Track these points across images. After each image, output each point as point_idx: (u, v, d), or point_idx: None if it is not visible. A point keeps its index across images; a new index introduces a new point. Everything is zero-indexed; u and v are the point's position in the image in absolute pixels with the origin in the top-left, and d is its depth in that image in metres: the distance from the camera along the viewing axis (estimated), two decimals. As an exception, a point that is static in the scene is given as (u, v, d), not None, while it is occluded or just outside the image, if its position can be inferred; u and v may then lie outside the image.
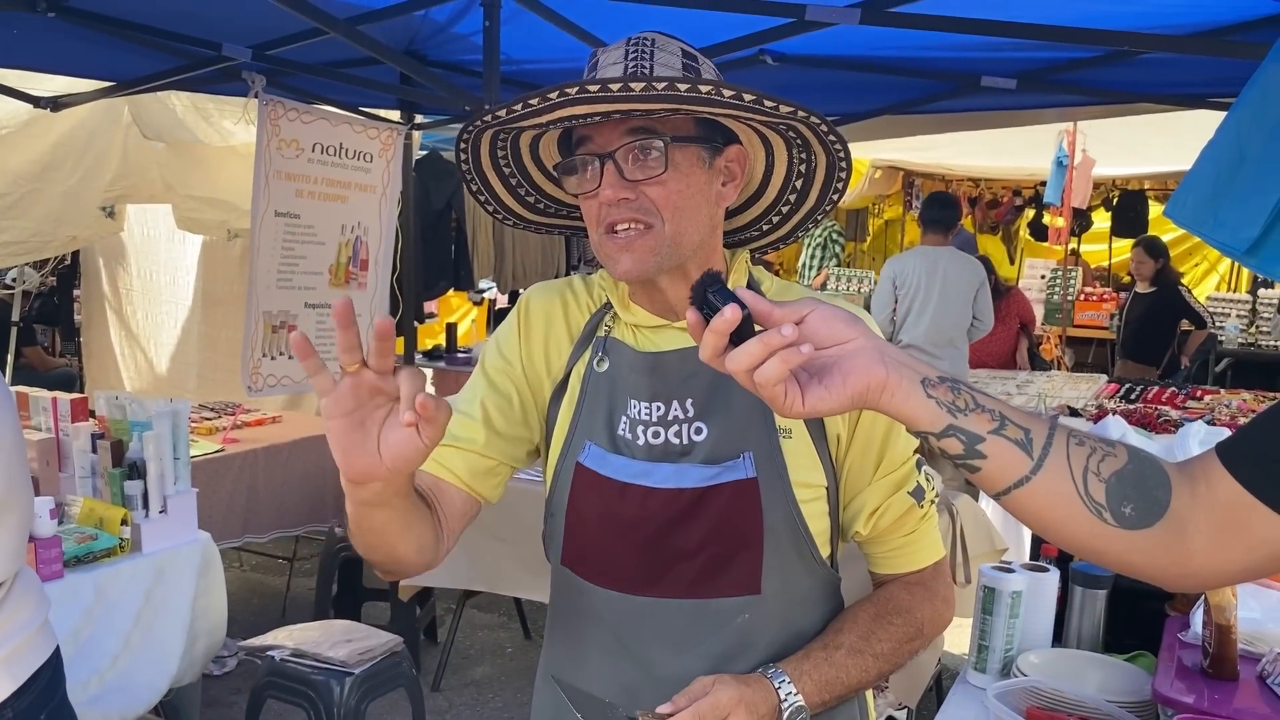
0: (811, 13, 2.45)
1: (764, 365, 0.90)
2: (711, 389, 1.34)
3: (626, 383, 1.38)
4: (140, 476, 2.89)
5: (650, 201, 1.25)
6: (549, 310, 1.46)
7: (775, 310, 0.93)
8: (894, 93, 4.00)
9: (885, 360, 0.94)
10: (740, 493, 1.32)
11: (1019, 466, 0.95)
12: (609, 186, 1.24)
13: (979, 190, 12.45)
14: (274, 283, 4.19)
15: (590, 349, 1.42)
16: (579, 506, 1.40)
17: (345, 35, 2.45)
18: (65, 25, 3.18)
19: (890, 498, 1.37)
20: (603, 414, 1.40)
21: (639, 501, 1.34)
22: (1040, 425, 0.96)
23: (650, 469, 1.35)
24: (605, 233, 1.28)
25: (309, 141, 4.21)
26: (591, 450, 1.39)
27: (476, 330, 10.57)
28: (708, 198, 1.30)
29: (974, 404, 0.95)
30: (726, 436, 1.33)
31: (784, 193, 1.41)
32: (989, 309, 5.66)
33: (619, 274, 1.29)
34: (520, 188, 1.44)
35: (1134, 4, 3.02)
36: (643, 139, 1.23)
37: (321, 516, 4.67)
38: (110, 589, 2.76)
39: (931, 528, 1.44)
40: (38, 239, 5.54)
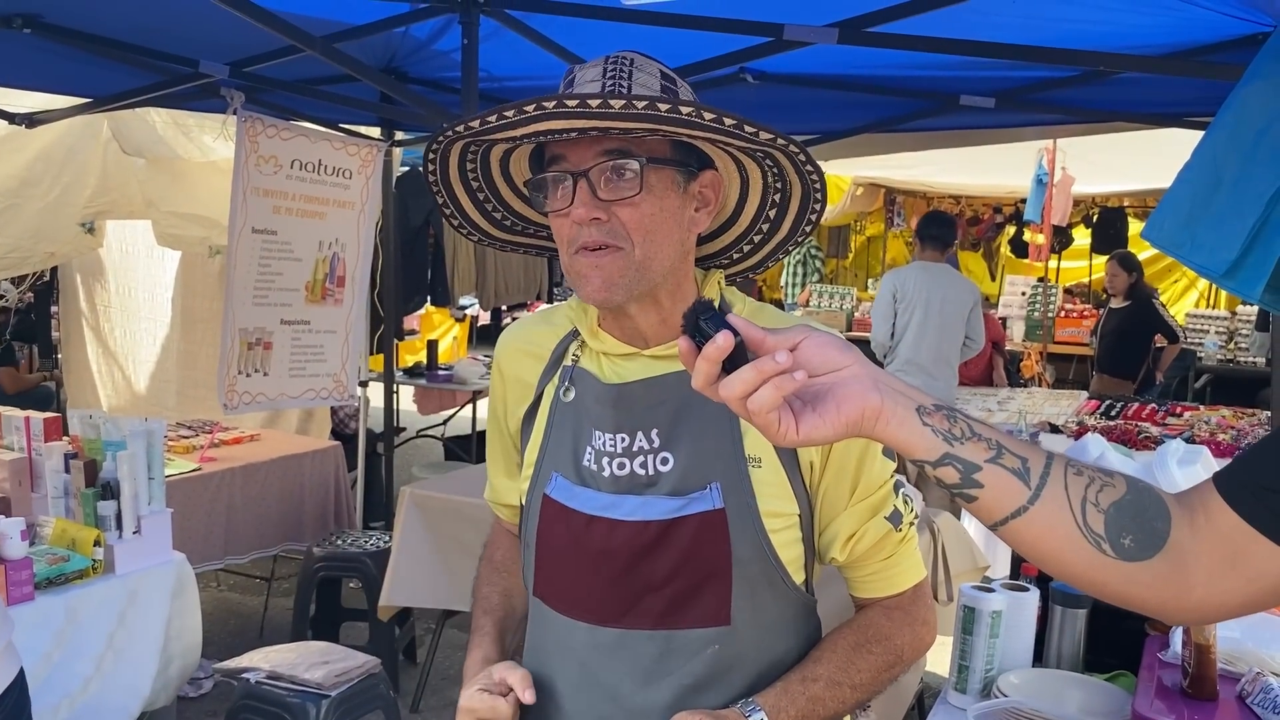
0: (789, 32, 2.45)
1: (757, 392, 0.89)
2: (677, 418, 1.32)
3: (591, 414, 1.37)
4: (114, 497, 2.85)
5: (621, 224, 1.23)
6: (517, 347, 1.49)
7: (768, 338, 0.92)
8: (874, 111, 4.02)
9: (880, 387, 0.93)
10: (707, 524, 1.30)
11: (1016, 496, 0.93)
12: (581, 205, 1.22)
13: (960, 207, 12.49)
14: (250, 299, 4.16)
15: (558, 376, 1.42)
16: (548, 538, 1.39)
17: (322, 53, 2.44)
18: (42, 42, 3.15)
19: (866, 523, 1.35)
20: (569, 445, 1.39)
21: (606, 534, 1.33)
22: (1038, 455, 0.95)
23: (616, 501, 1.34)
24: (575, 253, 1.26)
25: (287, 158, 4.19)
26: (558, 482, 1.38)
27: (458, 347, 10.54)
28: (680, 222, 1.28)
29: (970, 432, 0.94)
30: (693, 467, 1.31)
31: (757, 221, 1.39)
32: (981, 329, 5.68)
33: (587, 296, 1.27)
34: (488, 203, 1.42)
35: (1108, 25, 3.04)
36: (617, 159, 1.21)
37: (299, 535, 4.63)
38: (82, 611, 2.72)
39: (910, 550, 1.42)
40: (15, 255, 5.51)
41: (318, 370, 4.49)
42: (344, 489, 4.92)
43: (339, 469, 4.90)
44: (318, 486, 4.75)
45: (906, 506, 1.40)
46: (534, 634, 1.46)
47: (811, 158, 1.25)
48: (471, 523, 3.65)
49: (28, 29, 3.07)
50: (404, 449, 7.64)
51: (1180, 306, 12.63)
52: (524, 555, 1.45)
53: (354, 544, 4.18)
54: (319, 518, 4.75)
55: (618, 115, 1.13)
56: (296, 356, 4.38)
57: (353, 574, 4.11)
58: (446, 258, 6.88)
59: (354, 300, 4.58)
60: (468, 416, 7.41)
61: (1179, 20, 3.02)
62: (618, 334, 1.36)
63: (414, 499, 3.79)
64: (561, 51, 3.06)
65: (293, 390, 4.38)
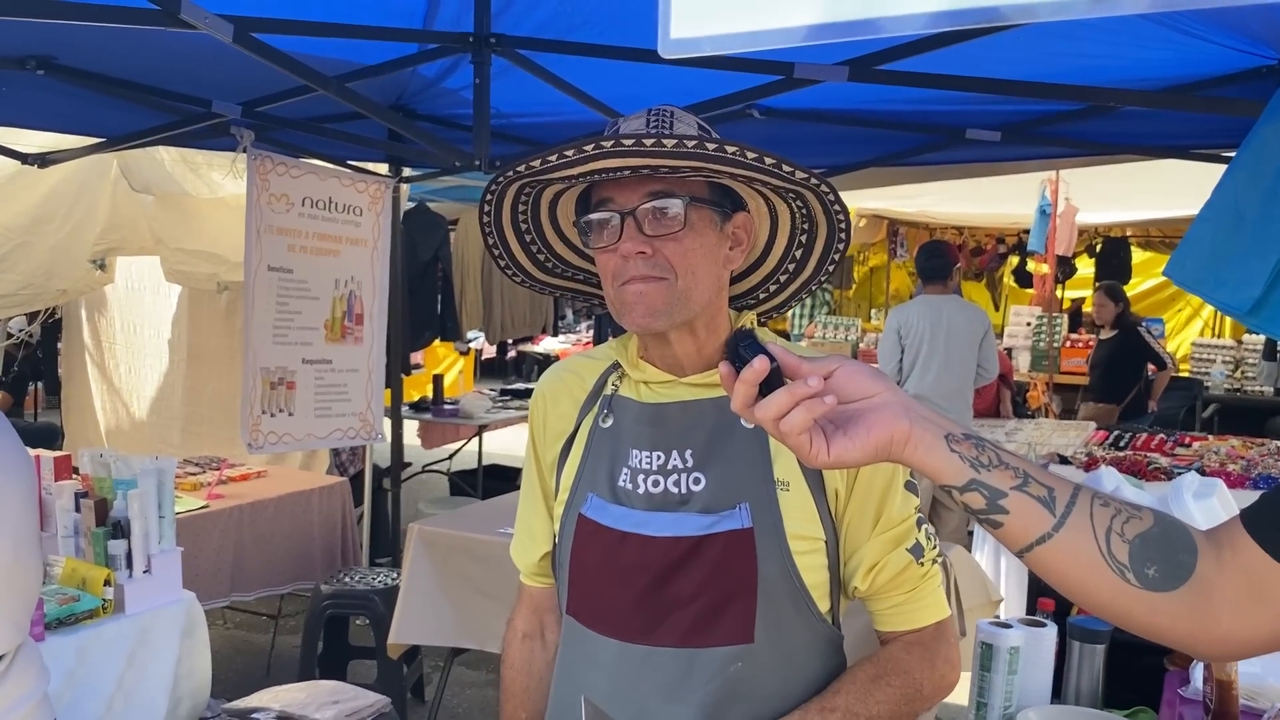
0: (800, 70, 2.47)
1: (790, 414, 0.95)
2: (711, 441, 1.39)
3: (629, 434, 1.44)
4: (124, 535, 2.84)
5: (665, 259, 1.32)
6: (555, 391, 1.56)
7: (803, 364, 0.98)
8: (880, 145, 4.04)
9: (909, 414, 0.98)
10: (735, 542, 1.35)
11: (1041, 523, 0.96)
12: (629, 240, 1.31)
13: (963, 238, 12.53)
14: (270, 338, 4.17)
15: (597, 407, 1.49)
16: (581, 556, 1.45)
17: (337, 94, 2.46)
18: (54, 83, 3.18)
19: (888, 554, 1.39)
20: (605, 467, 1.45)
21: (638, 550, 1.38)
22: (1064, 485, 0.98)
23: (649, 518, 1.39)
24: (621, 285, 1.34)
25: (298, 196, 4.22)
26: (593, 501, 1.44)
27: (463, 381, 10.55)
28: (717, 259, 1.37)
29: (997, 460, 0.97)
30: (724, 487, 1.37)
31: (784, 261, 1.48)
32: (994, 357, 5.67)
33: (633, 323, 1.35)
34: (533, 245, 1.51)
35: (1112, 59, 3.06)
36: (662, 199, 1.31)
37: (309, 573, 4.61)
38: (92, 651, 2.70)
39: (933, 587, 1.45)
40: (28, 292, 5.54)
41: (344, 410, 4.49)
42: (351, 525, 4.91)
43: (346, 505, 4.88)
44: (325, 523, 4.73)
45: (929, 542, 1.43)
46: (566, 653, 1.51)
47: (840, 198, 1.34)
48: (480, 560, 3.63)
49: (41, 70, 3.10)
50: (409, 485, 7.62)
51: (1184, 336, 12.63)
52: (557, 576, 1.52)
53: (361, 581, 4.16)
54: (327, 554, 4.73)
55: (669, 153, 1.23)
56: (321, 396, 4.39)
57: (360, 612, 4.09)
58: (455, 292, 6.90)
59: (374, 338, 4.59)
60: (473, 451, 7.40)
61: (1182, 54, 3.04)
62: (658, 363, 1.44)
63: (421, 536, 3.78)
64: (572, 90, 3.09)
65: (319, 431, 4.38)
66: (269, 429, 4.10)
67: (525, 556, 1.63)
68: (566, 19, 2.95)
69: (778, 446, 1.38)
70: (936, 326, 5.50)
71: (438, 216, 6.94)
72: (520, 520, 1.64)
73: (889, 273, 12.62)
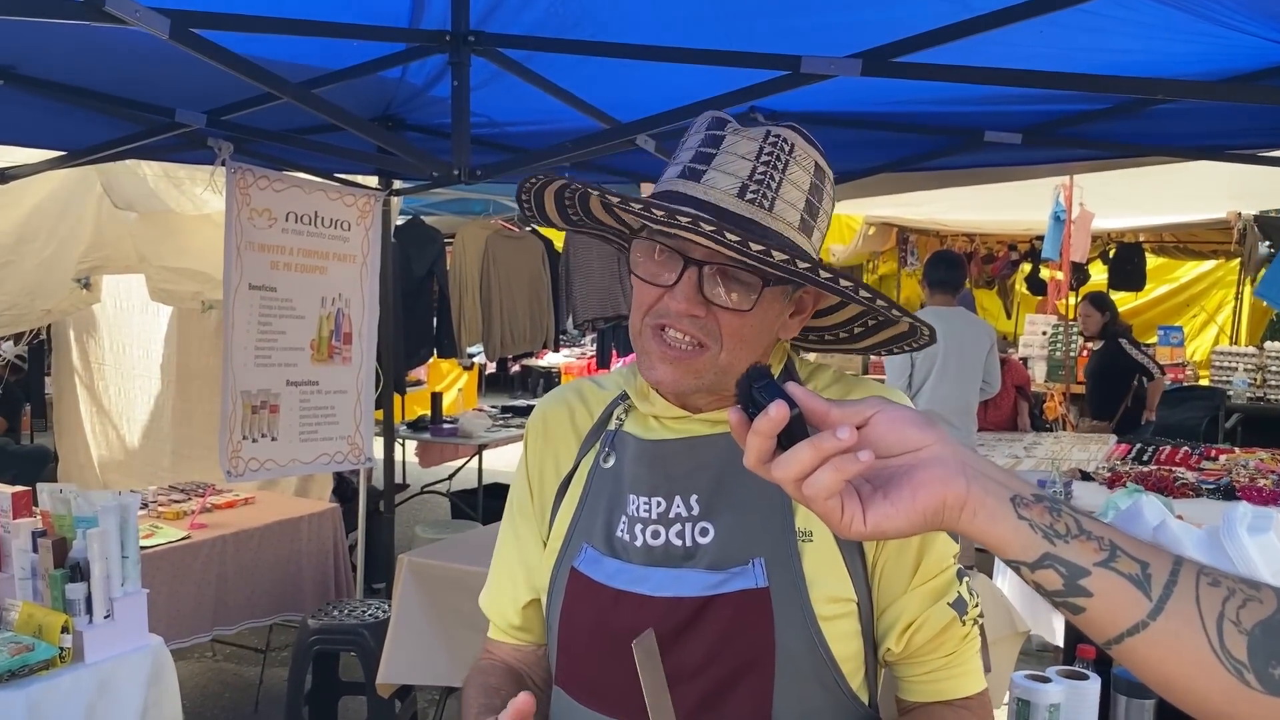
0: (807, 65, 2.25)
1: (815, 474, 0.78)
2: (721, 484, 1.18)
3: (628, 476, 1.22)
4: (84, 578, 2.64)
5: (717, 326, 1.13)
6: (555, 420, 1.35)
7: (832, 410, 0.81)
8: (893, 149, 3.82)
9: (966, 472, 0.79)
10: (748, 605, 1.13)
11: (1133, 609, 0.77)
12: (684, 299, 1.11)
13: (974, 245, 12.35)
14: (252, 360, 3.97)
15: (599, 444, 1.28)
16: (572, 618, 1.23)
17: (296, 98, 2.26)
18: (14, 94, 3.00)
19: (928, 610, 1.18)
20: (603, 514, 1.24)
21: (632, 611, 1.16)
22: (1162, 558, 0.79)
23: (646, 574, 1.18)
24: (653, 332, 1.13)
25: (282, 210, 4.02)
26: (587, 553, 1.23)
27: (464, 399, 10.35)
28: (773, 329, 1.19)
29: (1077, 529, 0.79)
30: (735, 539, 1.16)
31: (852, 324, 1.28)
32: (997, 370, 5.47)
33: (651, 379, 1.16)
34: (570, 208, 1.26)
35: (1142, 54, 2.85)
36: (742, 269, 1.10)
37: (296, 604, 4.41)
38: (46, 706, 2.49)
39: (974, 652, 1.23)
40: (12, 313, 5.40)
41: (330, 433, 4.28)
42: (342, 554, 4.71)
43: (337, 533, 4.68)
44: (315, 553, 4.53)
45: (972, 597, 1.22)
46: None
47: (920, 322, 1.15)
48: (473, 593, 3.36)
49: (1, 81, 2.92)
50: (408, 506, 7.41)
51: (1198, 342, 12.42)
52: (548, 639, 1.29)
53: (351, 614, 3.96)
54: (317, 584, 4.53)
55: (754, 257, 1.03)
56: (306, 419, 4.17)
57: (349, 648, 3.88)
58: (452, 309, 6.71)
59: (363, 358, 4.39)
60: (474, 469, 7.19)
61: (1219, 48, 2.84)
62: (672, 399, 1.24)
63: (412, 568, 3.57)
64: (562, 93, 2.89)
65: (304, 455, 4.17)
66: (250, 455, 3.89)
67: (501, 606, 1.37)
68: (559, 19, 2.75)
69: None
70: (948, 340, 5.30)
71: (433, 230, 6.75)
72: (498, 561, 1.39)
73: (899, 281, 12.39)
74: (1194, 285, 13.24)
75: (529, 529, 1.35)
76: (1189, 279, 13.22)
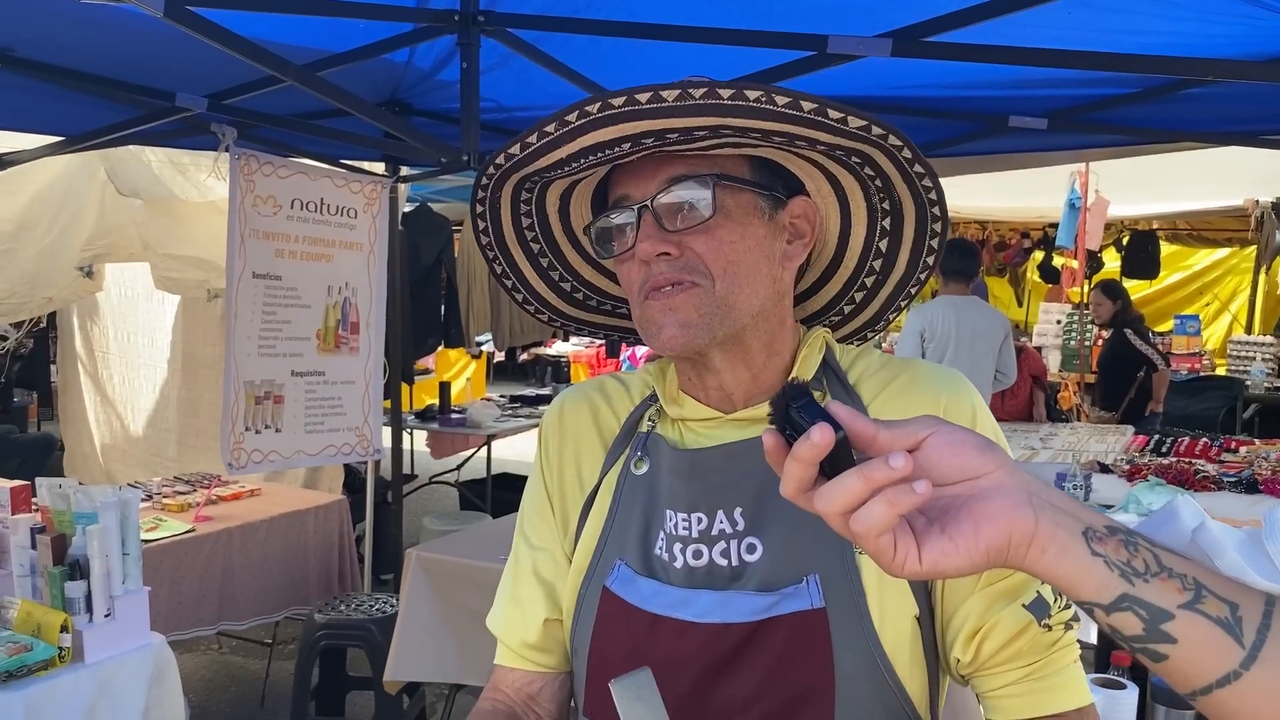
0: (834, 44, 2.16)
1: (865, 507, 0.69)
2: (767, 493, 1.06)
3: (664, 489, 1.11)
4: (83, 576, 2.57)
5: (697, 256, 1.04)
6: (575, 420, 1.23)
7: (881, 432, 0.72)
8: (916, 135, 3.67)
9: (1034, 503, 0.71)
10: (803, 628, 1.02)
11: (1224, 657, 0.69)
12: (646, 239, 1.03)
13: (986, 232, 12.23)
14: (255, 350, 3.89)
15: (629, 449, 1.17)
16: (603, 643, 1.11)
17: (298, 80, 2.17)
18: (12, 77, 2.91)
19: (999, 612, 1.02)
20: (637, 527, 1.12)
21: (674, 639, 1.05)
22: (1252, 598, 0.70)
23: (689, 597, 1.06)
24: (645, 298, 1.04)
25: (287, 197, 3.94)
26: (621, 571, 1.12)
27: (473, 388, 10.28)
28: (768, 255, 1.07)
29: (1157, 565, 0.70)
30: (786, 555, 1.05)
31: (867, 258, 1.15)
32: (1013, 361, 5.38)
33: (663, 345, 1.05)
34: (554, 271, 1.21)
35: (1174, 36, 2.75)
36: (683, 182, 1.03)
37: (303, 598, 4.35)
38: (45, 707, 2.42)
39: (1071, 660, 1.06)
40: (13, 300, 5.34)
41: (337, 425, 4.20)
42: (349, 546, 4.63)
43: (344, 525, 4.61)
44: (321, 545, 4.46)
45: (1056, 599, 1.03)
46: None
47: (919, 154, 1.01)
48: (484, 589, 3.33)
49: (-3, 64, 2.83)
50: (417, 497, 7.36)
51: (1212, 330, 12.30)
52: (575, 664, 1.18)
53: (359, 609, 3.89)
54: (323, 578, 4.47)
55: (673, 110, 0.94)
56: (312, 410, 4.10)
57: (356, 643, 3.81)
58: (460, 297, 6.64)
59: (371, 347, 4.31)
60: (483, 459, 7.12)
61: (1255, 29, 2.73)
62: (702, 396, 1.14)
63: (420, 563, 3.49)
64: (575, 77, 2.79)
65: (310, 447, 4.10)
66: (253, 447, 3.82)
67: (514, 625, 1.22)
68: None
69: None
70: (961, 329, 5.22)
71: (441, 218, 6.67)
72: (512, 576, 1.25)
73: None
74: (1207, 273, 13.12)
75: (547, 540, 1.23)
76: (1202, 267, 13.09)
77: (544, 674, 1.23)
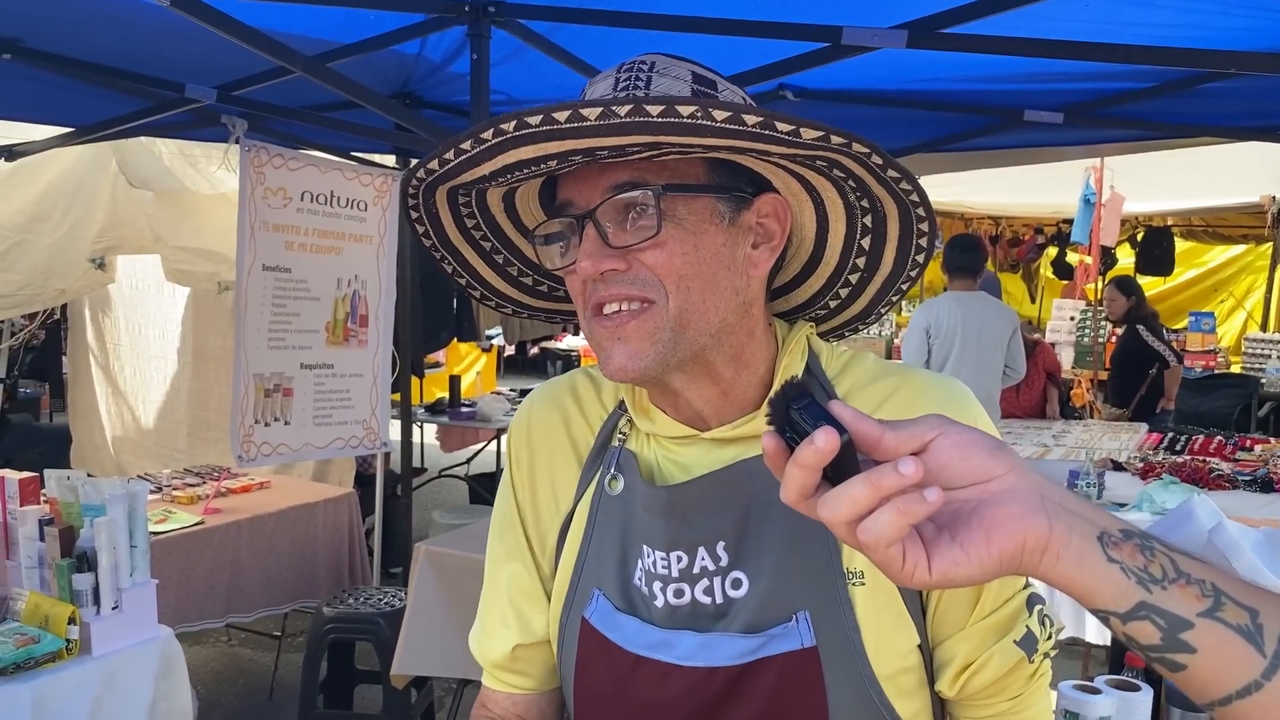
0: (849, 35, 2.12)
1: (873, 516, 0.65)
2: (750, 523, 1.00)
3: (640, 523, 1.05)
4: (90, 568, 2.56)
5: (648, 270, 0.94)
6: (546, 430, 1.16)
7: (887, 434, 0.68)
8: (929, 128, 3.69)
9: (1047, 507, 0.68)
10: (793, 669, 0.97)
11: (1245, 666, 0.66)
12: (587, 256, 0.94)
13: (999, 229, 12.16)
14: (265, 342, 3.89)
15: (602, 465, 1.10)
16: (588, 678, 1.07)
17: (306, 71, 2.16)
18: (21, 68, 2.91)
19: (990, 648, 0.99)
20: (614, 553, 1.07)
21: (657, 681, 1.01)
22: (1273, 604, 0.67)
23: (670, 638, 1.01)
24: (593, 316, 0.97)
25: (297, 189, 3.93)
26: (599, 604, 1.06)
27: (483, 382, 10.28)
28: (729, 264, 0.97)
29: (1175, 571, 0.67)
30: (774, 590, 0.99)
31: (849, 258, 1.06)
32: (1021, 356, 5.32)
33: (611, 374, 0.97)
34: (510, 266, 1.14)
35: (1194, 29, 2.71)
36: (626, 191, 0.93)
37: (311, 590, 4.34)
38: (52, 700, 2.42)
39: (1042, 693, 1.06)
40: (26, 292, 5.34)
41: (345, 417, 4.20)
42: (358, 539, 4.63)
43: (353, 518, 4.61)
44: (330, 538, 4.46)
45: (1043, 629, 1.02)
46: None
47: (890, 159, 0.92)
48: (491, 584, 3.33)
49: (8, 55, 2.83)
50: (427, 490, 7.35)
51: (1226, 328, 12.21)
52: (564, 688, 1.13)
53: (367, 602, 3.88)
54: (332, 571, 4.46)
55: (599, 129, 0.84)
56: (321, 403, 4.09)
57: (365, 636, 3.80)
58: (470, 290, 6.62)
59: (379, 341, 4.30)
60: (492, 453, 7.12)
61: (1275, 23, 2.70)
62: (672, 413, 1.06)
63: (428, 557, 3.48)
64: (585, 68, 2.77)
65: (319, 440, 4.09)
66: (262, 439, 3.82)
67: (489, 649, 1.18)
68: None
69: None
70: (968, 325, 5.17)
71: (453, 210, 6.65)
72: (486, 597, 1.20)
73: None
74: (1222, 270, 13.02)
75: (517, 555, 1.17)
76: (1217, 263, 13.00)
77: (526, 695, 1.19)
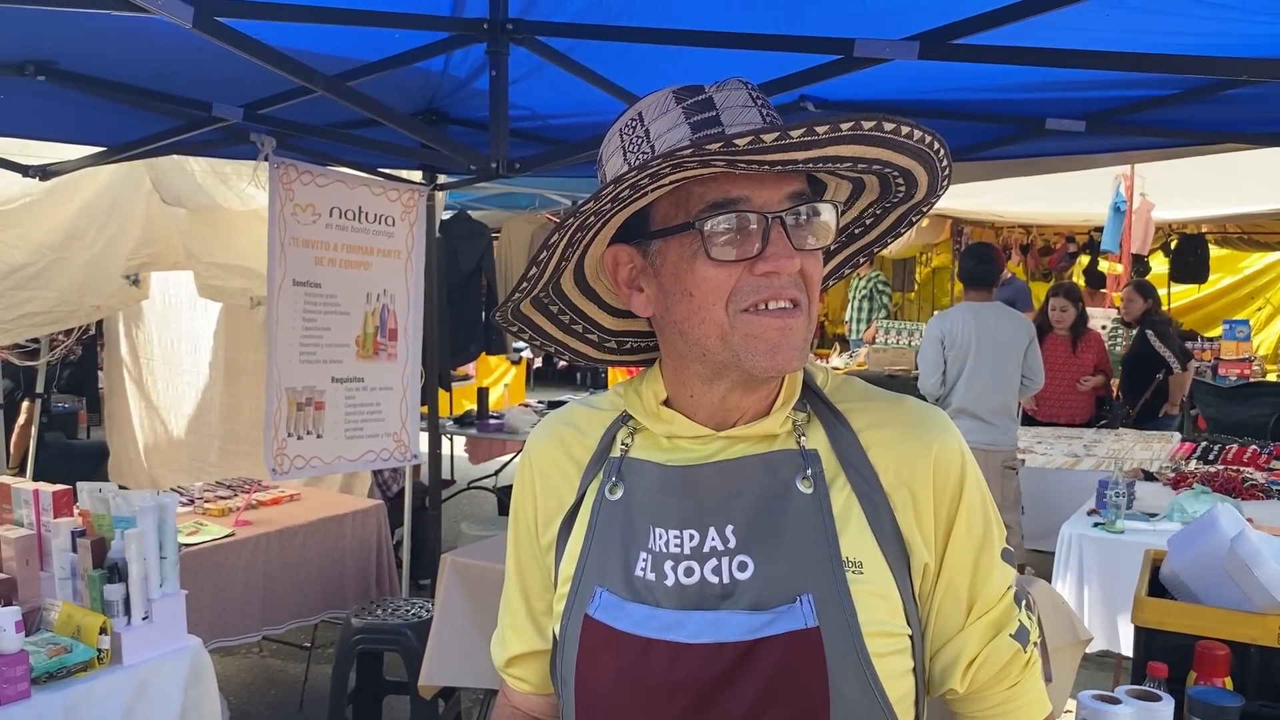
0: (860, 48, 2.14)
1: None
2: (759, 512, 1.07)
3: (649, 508, 1.10)
4: (121, 579, 2.61)
5: (804, 279, 1.06)
6: (547, 448, 1.24)
7: None
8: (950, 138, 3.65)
9: None
10: (797, 647, 1.02)
11: None
12: (787, 255, 1.02)
13: (1030, 237, 12.08)
14: (296, 356, 3.94)
15: (603, 473, 1.16)
16: (591, 673, 1.10)
17: (327, 90, 2.19)
18: (53, 89, 2.98)
19: (990, 643, 1.11)
20: (617, 552, 1.12)
21: (667, 662, 1.05)
22: None
23: (681, 619, 1.06)
24: (754, 311, 1.03)
25: (325, 205, 3.99)
26: (603, 599, 1.10)
27: (511, 394, 10.32)
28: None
29: None
30: (779, 573, 1.05)
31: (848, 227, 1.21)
32: (1039, 367, 5.26)
33: (776, 365, 1.04)
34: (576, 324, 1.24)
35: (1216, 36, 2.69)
36: (812, 201, 1.04)
37: (340, 601, 4.39)
38: (83, 709, 2.46)
39: (1036, 678, 1.16)
40: (62, 309, 5.43)
41: (376, 430, 4.25)
42: (387, 551, 4.67)
43: (382, 530, 4.65)
44: (359, 549, 4.51)
45: (1031, 621, 1.14)
46: None
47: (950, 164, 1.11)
48: (517, 595, 3.35)
49: (41, 75, 2.90)
50: (456, 502, 7.40)
51: (1263, 336, 12.06)
52: (562, 697, 1.17)
53: (395, 613, 3.92)
54: (360, 581, 4.50)
55: (904, 148, 1.04)
56: (352, 416, 4.14)
57: (392, 647, 3.84)
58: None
59: (409, 354, 4.35)
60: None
61: (1299, 28, 2.68)
62: (694, 413, 1.13)
63: (455, 567, 3.51)
64: (605, 83, 2.80)
65: (350, 453, 4.14)
66: (295, 453, 3.86)
67: (498, 653, 1.33)
68: (604, 7, 2.66)
69: (843, 516, 1.06)
70: (983, 336, 5.13)
71: (479, 225, 6.71)
72: (503, 604, 1.33)
73: (952, 274, 12.17)
74: (1259, 277, 12.86)
75: (531, 576, 1.26)
76: (1253, 270, 12.84)
77: (539, 694, 1.29)
